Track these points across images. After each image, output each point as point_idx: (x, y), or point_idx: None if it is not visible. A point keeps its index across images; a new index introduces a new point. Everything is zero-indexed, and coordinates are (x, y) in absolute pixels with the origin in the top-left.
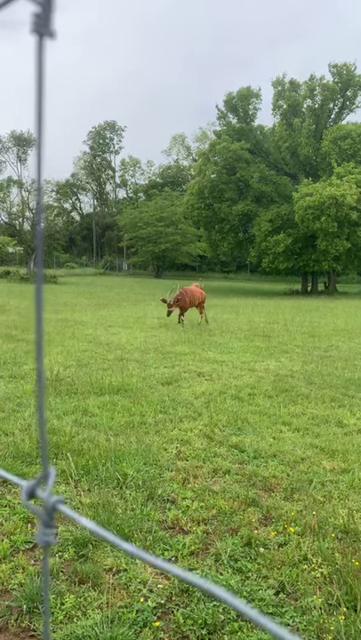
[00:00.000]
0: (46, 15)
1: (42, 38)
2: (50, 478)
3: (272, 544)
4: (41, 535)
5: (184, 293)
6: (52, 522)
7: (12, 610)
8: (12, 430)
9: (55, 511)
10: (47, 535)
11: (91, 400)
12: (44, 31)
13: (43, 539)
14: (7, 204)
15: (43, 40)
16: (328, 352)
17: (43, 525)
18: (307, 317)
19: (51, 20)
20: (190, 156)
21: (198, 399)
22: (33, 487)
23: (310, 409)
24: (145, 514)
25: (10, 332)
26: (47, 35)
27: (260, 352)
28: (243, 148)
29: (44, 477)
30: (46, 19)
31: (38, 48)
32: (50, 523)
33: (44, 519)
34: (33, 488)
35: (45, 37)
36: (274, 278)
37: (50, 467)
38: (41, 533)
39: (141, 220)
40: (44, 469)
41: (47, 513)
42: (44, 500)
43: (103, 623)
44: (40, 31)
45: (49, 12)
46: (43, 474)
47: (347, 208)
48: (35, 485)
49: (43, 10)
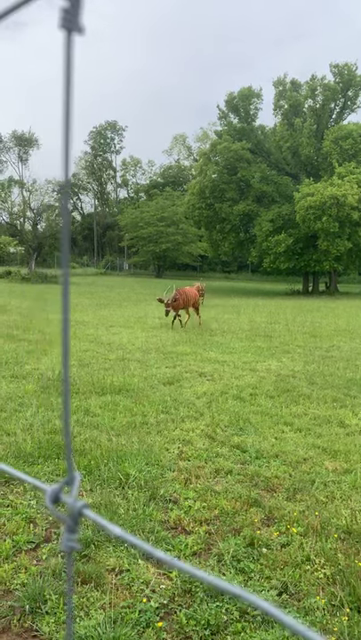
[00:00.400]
0: (75, 10)
1: (70, 34)
2: (75, 483)
3: (275, 544)
4: (65, 541)
5: (178, 294)
6: (76, 527)
7: (14, 610)
8: (13, 430)
9: (81, 516)
10: (71, 541)
11: (92, 400)
12: (72, 26)
13: (67, 544)
14: (8, 204)
15: (71, 36)
16: (330, 352)
17: (67, 531)
18: (308, 317)
19: (79, 16)
20: (191, 155)
21: (200, 399)
22: (57, 492)
23: (312, 409)
24: (147, 514)
25: (11, 332)
26: (76, 30)
27: (261, 352)
28: (244, 147)
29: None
30: (75, 14)
31: (67, 44)
32: (75, 528)
33: (69, 524)
34: (57, 493)
35: (74, 33)
36: (275, 278)
37: (75, 471)
38: (65, 539)
39: (142, 219)
40: (69, 474)
41: (72, 518)
42: (70, 505)
43: (106, 623)
44: (68, 26)
45: (77, 7)
46: (68, 478)
47: (348, 208)
48: (59, 490)
49: (71, 5)
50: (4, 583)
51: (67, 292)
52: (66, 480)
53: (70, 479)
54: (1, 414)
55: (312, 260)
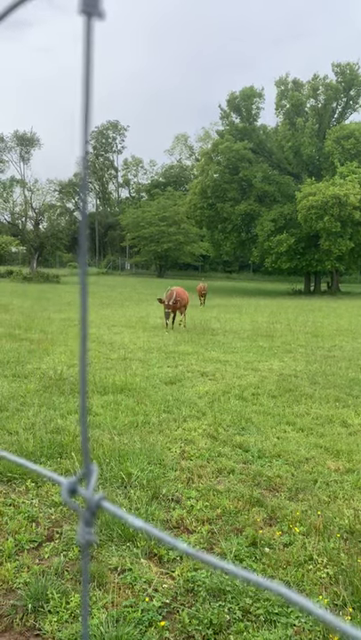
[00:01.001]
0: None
1: (90, 18)
2: (92, 475)
3: (277, 544)
4: (82, 534)
5: (178, 296)
6: (94, 520)
7: (17, 609)
8: (15, 429)
9: (98, 509)
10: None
11: (94, 399)
12: (92, 10)
13: (85, 537)
14: (10, 204)
15: (91, 21)
16: (332, 352)
17: (84, 524)
18: (310, 317)
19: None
20: (193, 155)
21: (202, 399)
22: (74, 484)
23: (314, 409)
24: (149, 513)
25: (13, 332)
26: (96, 15)
27: (263, 352)
28: (246, 147)
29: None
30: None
31: (86, 29)
32: (92, 521)
33: (86, 517)
34: (74, 485)
35: (94, 18)
36: (277, 278)
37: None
38: (82, 532)
39: (144, 219)
40: (85, 466)
41: (90, 511)
42: (87, 498)
43: (109, 622)
44: (89, 11)
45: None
46: (84, 471)
47: (350, 208)
48: (75, 483)
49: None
50: (6, 582)
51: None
52: (83, 472)
53: (87, 471)
54: (3, 413)
55: (314, 260)
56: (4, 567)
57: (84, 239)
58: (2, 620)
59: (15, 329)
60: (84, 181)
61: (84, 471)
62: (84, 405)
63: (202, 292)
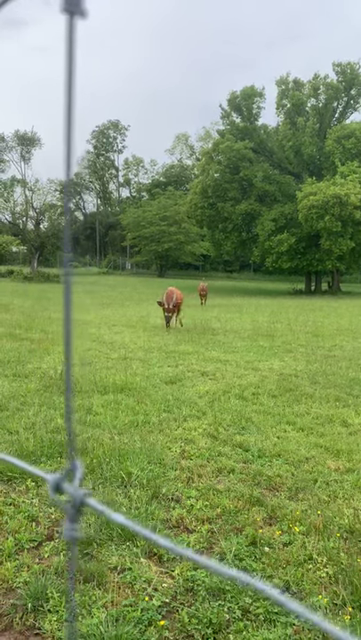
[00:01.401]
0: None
1: (73, 17)
2: (77, 472)
3: (277, 543)
4: (68, 530)
5: (178, 298)
6: (78, 516)
7: (17, 608)
8: (16, 429)
9: (83, 505)
10: (73, 530)
11: (95, 399)
12: (74, 9)
13: (69, 534)
14: (11, 204)
15: (74, 19)
16: (332, 351)
17: (69, 520)
18: (310, 317)
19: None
20: (194, 155)
21: (202, 398)
22: (59, 481)
23: (315, 408)
24: (149, 513)
25: (13, 332)
26: (78, 13)
27: (263, 351)
28: (246, 147)
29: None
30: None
31: (69, 28)
32: (77, 517)
33: (71, 513)
34: (59, 482)
35: (77, 16)
36: (277, 278)
37: (77, 460)
38: (67, 528)
39: (145, 219)
40: (71, 462)
41: (74, 507)
42: (72, 494)
43: (108, 622)
44: (71, 9)
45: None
46: (70, 467)
47: (351, 207)
48: (61, 479)
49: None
50: (6, 581)
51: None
52: (68, 469)
53: (72, 468)
54: (3, 413)
55: (314, 260)
56: (3, 566)
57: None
58: (2, 619)
59: (16, 328)
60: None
61: (70, 468)
62: (68, 403)
63: (202, 292)
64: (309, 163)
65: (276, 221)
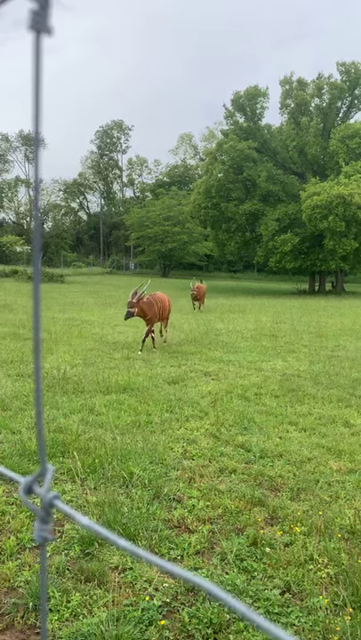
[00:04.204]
0: (44, 12)
1: (39, 35)
2: (47, 475)
3: (278, 544)
4: (38, 531)
5: (153, 300)
6: (48, 518)
7: (18, 607)
8: (18, 428)
9: (52, 507)
10: (44, 531)
11: (97, 399)
12: (41, 27)
13: (39, 534)
14: (15, 204)
15: (40, 36)
16: (335, 352)
17: (39, 521)
18: (314, 317)
19: (48, 17)
20: (197, 155)
21: (204, 398)
22: (30, 483)
23: (317, 409)
24: (151, 513)
25: (17, 331)
26: (45, 31)
27: (266, 351)
28: (250, 147)
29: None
30: (44, 15)
31: (36, 44)
32: (46, 519)
33: (41, 515)
34: (31, 484)
35: (43, 34)
36: (281, 278)
37: (48, 464)
38: (37, 529)
39: (148, 219)
40: (42, 466)
41: (44, 509)
42: (41, 496)
43: (109, 621)
44: (37, 27)
45: (46, 8)
46: (41, 470)
47: (355, 207)
48: (32, 482)
49: (40, 7)
50: (8, 580)
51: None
52: (39, 472)
53: (43, 471)
54: (6, 413)
55: (318, 260)
56: (5, 565)
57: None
58: (3, 618)
59: (19, 328)
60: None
61: (41, 471)
62: (39, 409)
63: (195, 292)
64: (313, 162)
65: (279, 221)
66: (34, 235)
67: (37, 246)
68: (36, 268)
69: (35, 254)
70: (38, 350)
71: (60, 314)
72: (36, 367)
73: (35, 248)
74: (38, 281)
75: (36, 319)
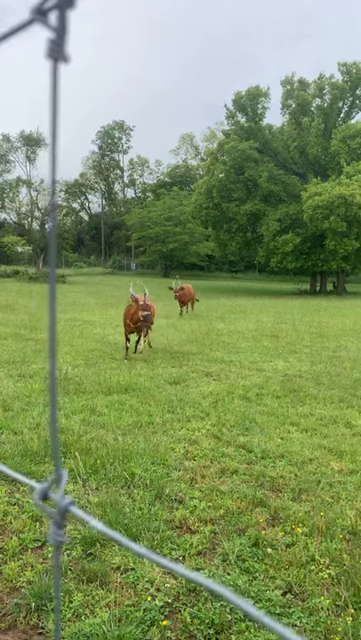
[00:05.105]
0: (61, 41)
1: (56, 63)
2: (62, 481)
3: (280, 544)
4: (53, 535)
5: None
6: (63, 522)
7: (20, 607)
8: (20, 429)
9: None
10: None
11: (99, 399)
12: (58, 56)
13: (55, 538)
14: (16, 204)
15: (57, 64)
16: (337, 352)
17: (55, 526)
18: (315, 317)
19: (65, 46)
20: (199, 155)
21: (206, 399)
22: (46, 489)
23: (319, 409)
24: (153, 513)
25: (19, 332)
26: (62, 59)
27: (268, 352)
28: (251, 147)
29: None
30: (61, 44)
31: (53, 72)
32: (61, 523)
33: (57, 520)
34: (46, 490)
35: (60, 62)
36: (282, 278)
37: (62, 470)
38: (53, 533)
39: (150, 219)
40: (56, 472)
41: (59, 514)
42: (57, 502)
43: (111, 621)
44: (55, 56)
45: (63, 37)
46: (55, 476)
47: (356, 207)
48: (47, 488)
49: (57, 36)
50: (10, 581)
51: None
52: (54, 478)
53: (58, 477)
54: (8, 413)
55: (319, 260)
56: (7, 566)
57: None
58: (5, 618)
59: (21, 329)
60: None
61: (55, 477)
62: (54, 411)
63: (178, 294)
64: (314, 163)
65: (281, 222)
66: (49, 250)
67: (52, 259)
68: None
69: (50, 262)
70: (53, 365)
71: (61, 314)
72: (52, 378)
73: (50, 261)
74: (54, 295)
75: (52, 337)
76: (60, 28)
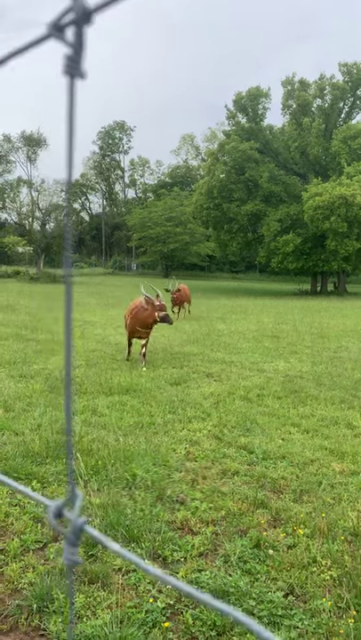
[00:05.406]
0: (77, 57)
1: (73, 79)
2: (77, 500)
3: (281, 546)
4: (68, 555)
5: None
6: (78, 542)
7: (22, 609)
8: (22, 430)
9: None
10: (73, 554)
11: (100, 400)
12: (75, 72)
13: (70, 558)
14: (17, 204)
15: (74, 81)
16: (338, 353)
17: (69, 545)
18: (316, 318)
19: (82, 62)
20: (199, 155)
21: (207, 400)
22: (60, 508)
23: (320, 410)
24: (154, 514)
25: (20, 332)
26: (78, 76)
27: (269, 353)
28: (252, 147)
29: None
30: (77, 60)
31: (70, 89)
32: (76, 542)
33: (71, 539)
34: (60, 508)
35: (77, 78)
36: (283, 278)
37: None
38: (67, 552)
39: (150, 219)
40: (72, 491)
41: (74, 533)
42: (72, 521)
43: (113, 623)
44: (71, 72)
45: (80, 53)
46: (70, 496)
47: (357, 208)
48: (62, 506)
49: (74, 52)
50: (12, 582)
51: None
52: (69, 497)
53: (73, 496)
54: (9, 414)
55: (320, 260)
56: (9, 567)
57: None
58: (7, 619)
59: (22, 329)
60: None
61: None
62: (69, 430)
63: (178, 297)
64: (315, 163)
65: (281, 222)
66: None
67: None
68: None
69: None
70: (69, 387)
71: (62, 314)
72: (66, 405)
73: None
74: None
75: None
76: (76, 44)
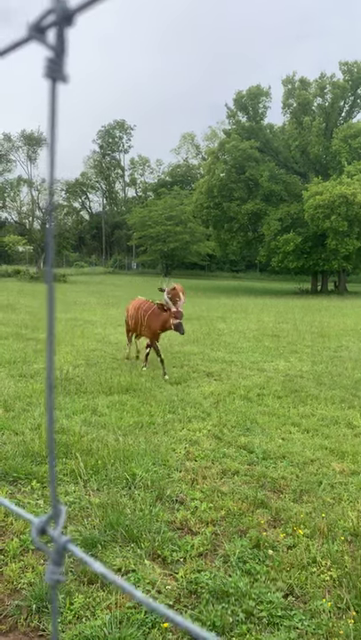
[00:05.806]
0: (60, 60)
1: (55, 82)
2: (60, 517)
3: (281, 546)
4: (50, 574)
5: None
6: (61, 560)
7: (21, 609)
8: (21, 429)
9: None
10: (55, 574)
11: (100, 399)
12: (57, 75)
13: (52, 577)
14: (17, 203)
15: (56, 84)
16: (338, 352)
17: (52, 564)
18: (316, 317)
19: (64, 65)
20: (200, 154)
21: (207, 399)
22: (44, 524)
23: (320, 410)
24: (154, 514)
25: (20, 331)
26: (60, 79)
27: (269, 352)
28: (252, 146)
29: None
30: (59, 63)
31: (51, 92)
32: (60, 561)
33: (54, 558)
34: (44, 525)
35: (58, 81)
36: (283, 277)
37: (60, 505)
38: (50, 572)
39: (150, 218)
40: (53, 508)
41: (57, 552)
42: (55, 540)
43: (112, 623)
44: (53, 76)
45: (62, 57)
46: (53, 512)
47: (357, 207)
48: (45, 523)
49: (56, 55)
50: (11, 582)
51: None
52: (51, 514)
53: (56, 513)
54: (9, 413)
55: (321, 259)
56: (8, 567)
57: None
58: (6, 620)
59: (22, 328)
60: None
61: (53, 512)
62: (51, 441)
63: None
64: (316, 162)
65: (282, 221)
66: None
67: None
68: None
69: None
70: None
71: (62, 314)
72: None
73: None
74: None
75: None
76: (58, 46)
